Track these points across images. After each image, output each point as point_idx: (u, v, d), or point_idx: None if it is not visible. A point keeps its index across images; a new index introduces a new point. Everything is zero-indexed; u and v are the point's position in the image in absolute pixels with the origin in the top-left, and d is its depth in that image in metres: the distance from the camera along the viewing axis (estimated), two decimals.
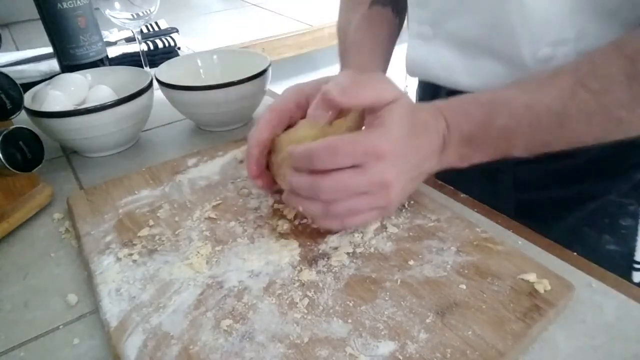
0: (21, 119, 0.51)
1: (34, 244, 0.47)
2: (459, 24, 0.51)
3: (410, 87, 0.73)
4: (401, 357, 0.31)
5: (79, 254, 0.44)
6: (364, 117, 0.40)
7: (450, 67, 0.54)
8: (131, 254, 0.41)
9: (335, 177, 0.36)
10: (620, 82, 0.37)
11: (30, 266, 0.44)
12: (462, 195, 0.49)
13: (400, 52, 0.62)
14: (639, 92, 0.37)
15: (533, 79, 0.41)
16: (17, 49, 1.04)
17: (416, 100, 0.73)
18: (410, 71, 0.60)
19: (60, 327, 0.37)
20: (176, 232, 0.44)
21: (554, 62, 0.46)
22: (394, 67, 0.63)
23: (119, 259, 0.41)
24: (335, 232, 0.42)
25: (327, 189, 0.36)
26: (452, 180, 0.51)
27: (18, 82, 0.49)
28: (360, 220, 0.39)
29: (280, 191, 0.44)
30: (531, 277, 0.36)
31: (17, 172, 0.47)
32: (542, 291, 0.35)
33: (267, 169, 0.45)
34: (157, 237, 0.43)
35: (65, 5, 0.71)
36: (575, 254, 0.41)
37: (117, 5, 0.77)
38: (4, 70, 0.48)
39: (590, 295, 0.37)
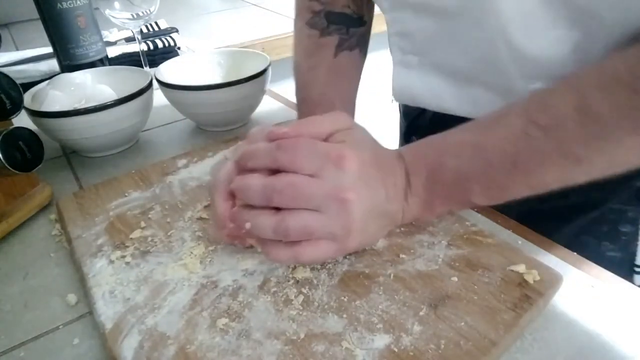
0: (21, 119, 0.51)
1: (34, 244, 0.47)
2: (445, 55, 0.50)
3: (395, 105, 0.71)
4: (396, 350, 0.32)
5: (71, 256, 0.44)
6: None
7: (439, 94, 0.53)
8: (124, 256, 0.41)
9: (291, 177, 0.34)
10: (571, 116, 0.34)
11: (30, 266, 0.44)
12: None
13: (386, 76, 0.60)
14: (591, 126, 0.34)
15: (484, 118, 0.39)
16: (17, 49, 1.03)
17: (400, 116, 0.71)
18: (397, 98, 0.58)
19: (60, 327, 0.37)
20: (168, 233, 0.44)
21: (542, 82, 0.44)
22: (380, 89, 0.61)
23: (111, 262, 0.41)
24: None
25: (280, 189, 0.34)
26: None
27: (18, 82, 0.48)
28: (313, 251, 0.35)
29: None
30: (520, 268, 0.37)
31: (17, 172, 0.47)
32: (531, 281, 0.36)
33: None
34: (149, 239, 0.43)
35: (65, 5, 0.71)
36: (575, 254, 0.41)
37: (117, 5, 0.77)
38: (4, 70, 0.48)
39: (590, 295, 0.37)
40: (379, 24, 0.59)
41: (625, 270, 0.52)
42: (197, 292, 0.37)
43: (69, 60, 0.76)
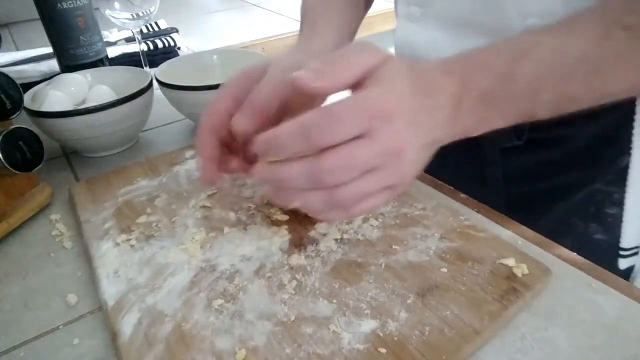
0: (21, 119, 0.51)
1: (34, 244, 0.47)
2: (447, 2, 0.51)
3: None
4: (382, 334, 0.33)
5: (80, 238, 0.46)
6: None
7: (439, 47, 0.53)
8: (129, 240, 0.43)
9: (340, 152, 0.29)
10: None
11: (30, 266, 0.44)
12: (462, 195, 0.49)
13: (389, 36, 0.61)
14: None
15: (561, 22, 0.36)
16: (17, 49, 1.04)
17: None
18: (399, 52, 0.60)
19: (60, 327, 0.37)
20: (172, 220, 0.46)
21: None
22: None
23: (117, 244, 0.43)
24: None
25: (331, 169, 0.29)
26: (442, 177, 0.51)
27: (18, 82, 0.48)
28: (370, 205, 0.33)
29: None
30: (510, 261, 0.38)
31: (17, 172, 0.47)
32: (519, 275, 0.37)
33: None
34: (154, 224, 0.45)
35: (65, 5, 0.72)
36: (575, 254, 0.41)
37: (117, 5, 0.77)
38: (4, 70, 0.48)
39: (590, 295, 0.37)
40: (379, 25, 0.60)
41: (611, 253, 0.53)
42: (195, 274, 0.39)
43: (69, 61, 0.76)
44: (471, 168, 0.57)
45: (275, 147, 0.31)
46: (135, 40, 0.83)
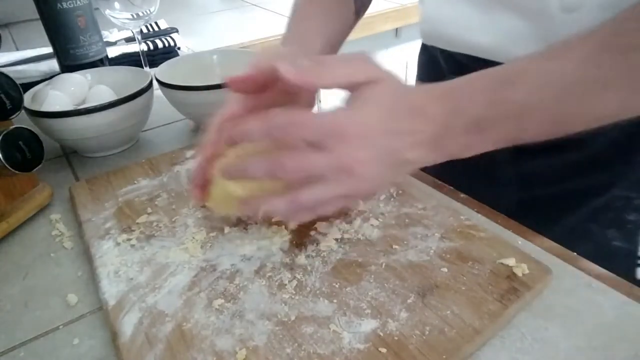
0: (21, 119, 0.51)
1: (34, 244, 0.47)
2: None
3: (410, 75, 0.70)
4: (382, 334, 0.33)
5: (80, 238, 0.46)
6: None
7: (468, 25, 0.51)
8: (130, 239, 0.43)
9: (296, 153, 0.33)
10: None
11: (30, 266, 0.44)
12: (462, 195, 0.49)
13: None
14: None
15: (552, 46, 0.35)
16: (17, 49, 1.04)
17: (416, 80, 0.69)
18: (426, 33, 0.58)
19: (60, 327, 0.38)
20: (173, 219, 0.46)
21: (581, 11, 0.43)
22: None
23: (118, 244, 0.43)
24: (324, 220, 0.43)
25: (288, 163, 0.33)
26: (451, 178, 0.51)
27: (18, 82, 0.48)
28: (330, 210, 0.36)
29: None
30: (510, 261, 0.38)
31: (17, 172, 0.47)
32: (520, 274, 0.37)
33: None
34: (154, 224, 0.45)
35: (65, 5, 0.72)
36: (575, 254, 0.41)
37: (117, 5, 0.77)
38: (4, 70, 0.48)
39: (590, 295, 0.37)
40: (379, 25, 0.60)
41: (629, 261, 0.51)
42: (196, 274, 0.39)
43: (69, 60, 0.76)
44: (481, 167, 0.53)
45: (241, 135, 0.34)
46: (135, 40, 0.83)
